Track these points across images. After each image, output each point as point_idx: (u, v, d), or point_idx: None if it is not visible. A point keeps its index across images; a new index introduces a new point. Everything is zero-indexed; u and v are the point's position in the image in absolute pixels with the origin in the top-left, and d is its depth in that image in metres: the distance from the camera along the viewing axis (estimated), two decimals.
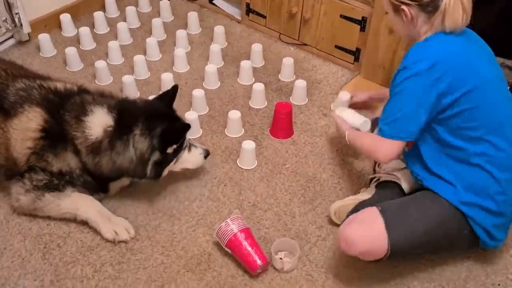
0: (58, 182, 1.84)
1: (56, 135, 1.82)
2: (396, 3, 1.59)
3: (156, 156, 1.80)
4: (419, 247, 1.63)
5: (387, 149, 1.63)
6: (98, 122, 1.81)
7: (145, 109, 1.87)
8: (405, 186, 1.81)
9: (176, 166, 1.93)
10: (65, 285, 1.68)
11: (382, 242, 1.55)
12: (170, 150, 1.83)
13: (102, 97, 1.91)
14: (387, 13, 1.71)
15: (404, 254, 1.64)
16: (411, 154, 1.73)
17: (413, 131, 1.59)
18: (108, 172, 1.84)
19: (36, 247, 1.79)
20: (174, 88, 1.95)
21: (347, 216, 1.70)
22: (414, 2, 1.55)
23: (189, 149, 1.94)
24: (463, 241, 1.67)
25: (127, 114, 1.83)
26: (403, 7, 1.57)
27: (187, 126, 1.84)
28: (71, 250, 1.78)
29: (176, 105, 2.36)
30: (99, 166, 1.82)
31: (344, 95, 2.19)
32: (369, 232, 1.57)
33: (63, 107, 1.84)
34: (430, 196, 1.64)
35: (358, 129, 1.92)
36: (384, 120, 1.63)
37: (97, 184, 1.90)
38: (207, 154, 2.00)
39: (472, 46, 1.60)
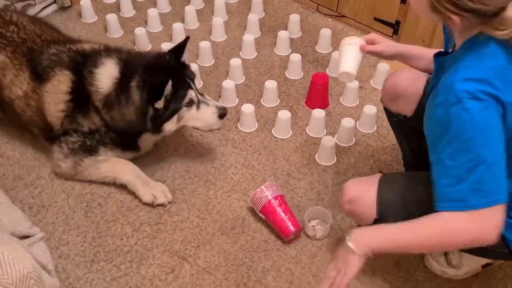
0: (90, 143, 1.87)
1: (81, 95, 1.84)
2: (442, 9, 1.15)
3: (151, 110, 1.75)
4: None
5: (487, 226, 1.13)
6: (107, 73, 1.80)
7: (148, 60, 1.81)
8: None
9: (184, 123, 1.84)
10: (106, 242, 1.76)
11: None
12: (158, 106, 1.73)
13: (117, 52, 1.89)
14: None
15: None
16: None
17: (505, 182, 1.14)
18: (124, 127, 1.83)
19: (78, 205, 1.87)
20: (185, 40, 1.85)
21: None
22: (470, 14, 1.13)
23: (198, 107, 1.83)
24: None
25: (130, 65, 1.80)
26: (452, 15, 1.15)
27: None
28: (112, 210, 1.86)
29: (213, 74, 2.42)
30: (114, 122, 1.82)
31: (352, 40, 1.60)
32: None
33: (85, 65, 1.86)
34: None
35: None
36: (454, 187, 1.14)
37: (124, 142, 1.91)
38: (221, 113, 1.83)
39: None
